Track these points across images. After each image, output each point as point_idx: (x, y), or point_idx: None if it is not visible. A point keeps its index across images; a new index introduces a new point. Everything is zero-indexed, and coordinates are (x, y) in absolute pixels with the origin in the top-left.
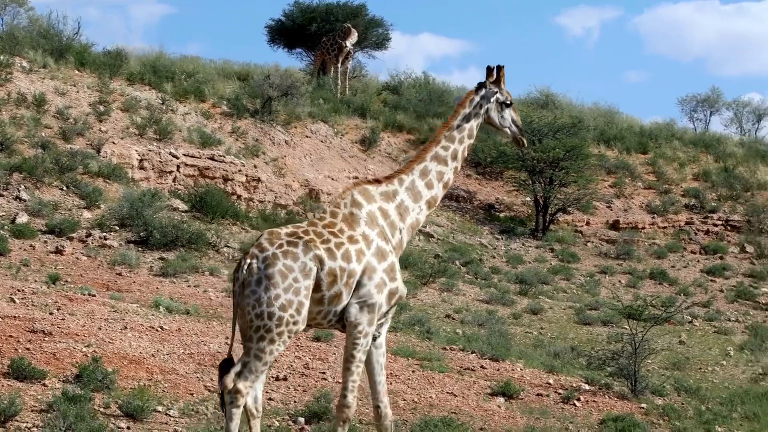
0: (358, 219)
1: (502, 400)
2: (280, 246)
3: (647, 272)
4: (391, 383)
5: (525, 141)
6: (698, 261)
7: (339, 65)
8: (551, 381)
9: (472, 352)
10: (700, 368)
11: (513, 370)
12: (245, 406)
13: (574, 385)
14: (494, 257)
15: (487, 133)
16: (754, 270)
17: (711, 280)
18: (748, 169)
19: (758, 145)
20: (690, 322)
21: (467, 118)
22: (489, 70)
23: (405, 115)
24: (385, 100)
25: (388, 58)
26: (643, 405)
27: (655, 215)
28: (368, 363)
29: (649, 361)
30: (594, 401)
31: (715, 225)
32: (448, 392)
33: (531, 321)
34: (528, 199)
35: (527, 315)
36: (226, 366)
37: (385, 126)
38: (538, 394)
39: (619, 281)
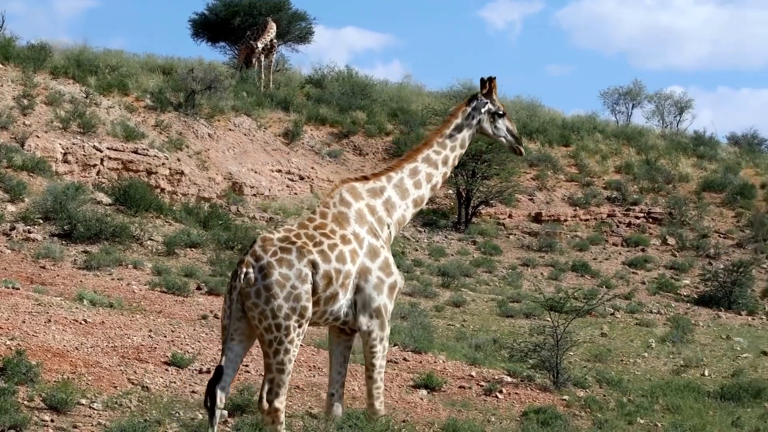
0: (347, 218)
1: (424, 392)
2: (274, 254)
3: (569, 264)
4: (314, 375)
5: (522, 150)
6: (620, 253)
7: (262, 59)
8: (473, 373)
9: (394, 345)
10: (622, 360)
11: (435, 362)
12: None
13: (497, 377)
14: (417, 250)
15: (411, 126)
16: (676, 262)
17: (633, 272)
18: (670, 161)
19: (680, 137)
20: (612, 314)
21: (459, 129)
22: (482, 82)
23: (328, 109)
24: (308, 94)
25: (311, 52)
26: (565, 397)
27: (577, 207)
28: (332, 353)
29: (571, 353)
30: (516, 393)
31: (637, 217)
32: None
33: (453, 313)
34: (450, 191)
35: (450, 307)
36: (218, 373)
37: (308, 119)
38: (460, 387)
39: (542, 273)
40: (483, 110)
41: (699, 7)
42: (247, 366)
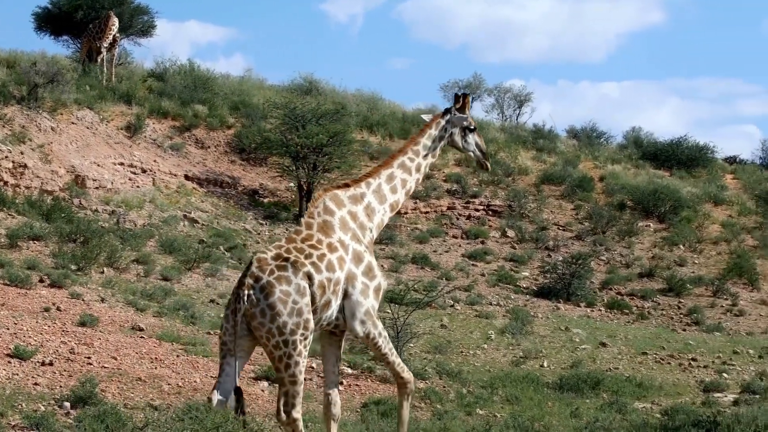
0: (332, 226)
1: (266, 384)
2: (272, 272)
3: (409, 257)
4: (156, 367)
5: (489, 165)
6: (460, 245)
7: (105, 53)
8: (314, 365)
9: None
10: (462, 352)
11: None
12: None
13: None
14: (258, 242)
15: (253, 120)
16: (515, 254)
17: (472, 265)
18: (510, 154)
19: (519, 130)
20: (452, 306)
21: (433, 140)
22: (456, 97)
23: (170, 102)
24: (151, 87)
25: (153, 45)
26: None
27: (418, 200)
28: (325, 356)
29: (411, 345)
30: (357, 385)
31: (477, 210)
32: (212, 376)
33: None
34: (292, 184)
35: None
36: (237, 392)
37: (151, 112)
38: None
39: (382, 266)
40: (457, 124)
41: (539, 1)
42: (89, 358)
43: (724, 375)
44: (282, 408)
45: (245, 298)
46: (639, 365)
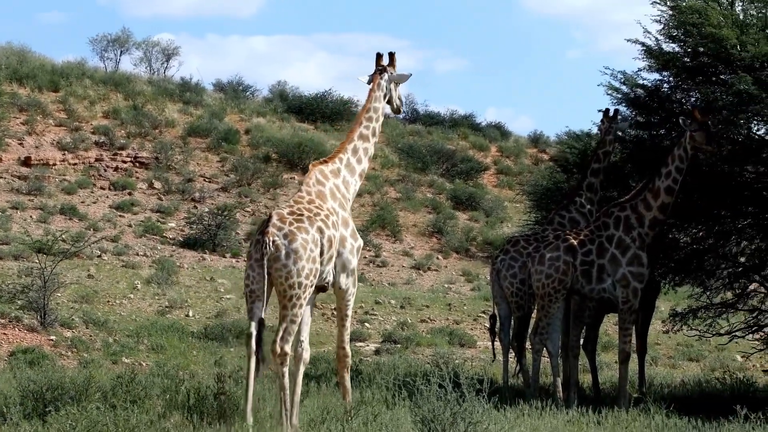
0: (325, 195)
1: None
2: (292, 224)
3: (58, 208)
4: None
5: (402, 109)
6: (107, 197)
7: None
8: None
9: None
10: (109, 301)
11: None
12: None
13: None
14: None
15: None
16: (162, 205)
17: (120, 216)
18: (157, 107)
19: (167, 84)
20: (99, 256)
21: (378, 100)
22: (379, 56)
23: None
24: None
25: None
26: (52, 337)
27: (66, 152)
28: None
29: (59, 294)
30: (4, 334)
31: (125, 162)
32: None
33: None
34: None
35: None
36: (261, 324)
37: None
38: None
39: (31, 216)
40: (393, 81)
41: None
42: None
43: (367, 325)
44: (278, 341)
45: (270, 244)
46: None
